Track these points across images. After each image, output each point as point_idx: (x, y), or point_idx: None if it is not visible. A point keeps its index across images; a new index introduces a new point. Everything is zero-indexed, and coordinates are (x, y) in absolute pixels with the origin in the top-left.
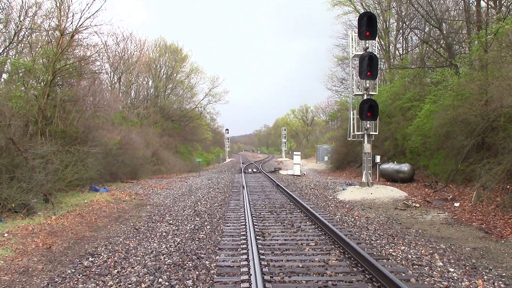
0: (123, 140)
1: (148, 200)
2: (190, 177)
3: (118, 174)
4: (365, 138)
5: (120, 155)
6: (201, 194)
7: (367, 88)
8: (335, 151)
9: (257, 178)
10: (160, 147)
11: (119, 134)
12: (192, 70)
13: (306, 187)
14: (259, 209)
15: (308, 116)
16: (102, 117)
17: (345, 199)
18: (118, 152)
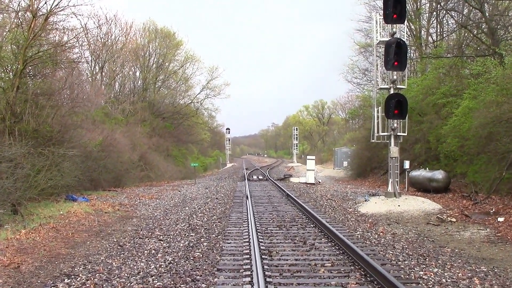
0: (106, 141)
1: (134, 211)
2: (184, 185)
3: (99, 181)
4: (392, 140)
5: (102, 158)
6: (197, 205)
7: (394, 80)
8: (356, 155)
9: (263, 187)
10: (149, 149)
11: (101, 134)
12: (187, 59)
13: (322, 198)
14: (265, 223)
15: (325, 114)
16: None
17: (367, 212)
18: (100, 155)
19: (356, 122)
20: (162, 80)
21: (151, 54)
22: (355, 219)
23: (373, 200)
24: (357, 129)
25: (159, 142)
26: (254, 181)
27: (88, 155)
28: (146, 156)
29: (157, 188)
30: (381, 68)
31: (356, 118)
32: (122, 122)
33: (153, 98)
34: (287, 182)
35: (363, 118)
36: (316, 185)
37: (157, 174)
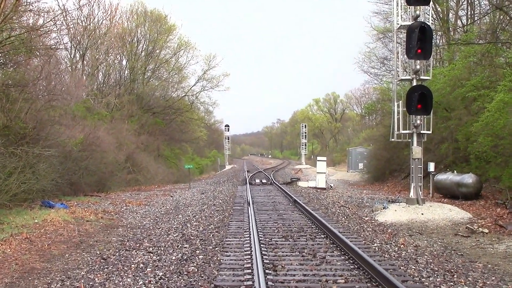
0: (88, 139)
1: (120, 220)
2: (177, 189)
3: (80, 185)
4: (414, 139)
5: (83, 159)
6: (191, 212)
7: (417, 71)
8: (374, 156)
9: (267, 192)
10: (137, 149)
11: (82, 131)
12: (181, 46)
13: (334, 205)
14: (269, 233)
15: (337, 109)
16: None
17: (386, 221)
18: (81, 155)
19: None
20: (152, 69)
21: (139, 40)
22: (372, 229)
23: (393, 207)
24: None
25: (149, 141)
26: (257, 186)
27: (67, 155)
28: (133, 157)
29: (146, 193)
30: (402, 57)
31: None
32: (107, 117)
33: (142, 90)
34: (294, 187)
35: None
36: (327, 190)
37: (146, 177)
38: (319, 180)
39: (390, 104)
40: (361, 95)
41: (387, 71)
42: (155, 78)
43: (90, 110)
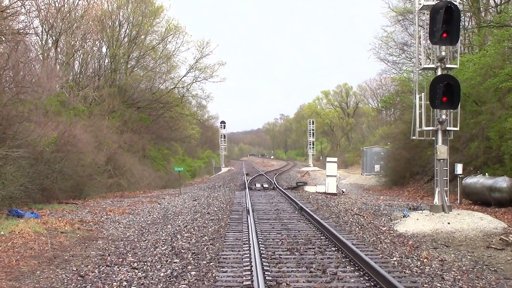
0: (62, 138)
1: (100, 231)
2: (165, 195)
3: (53, 191)
4: (439, 137)
5: (57, 161)
6: (182, 222)
7: (442, 58)
8: (392, 156)
9: (269, 198)
10: (119, 149)
11: (56, 128)
12: (170, 30)
13: (346, 213)
14: (272, 245)
15: (350, 102)
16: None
17: (407, 231)
18: (54, 156)
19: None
20: (137, 58)
21: (121, 23)
22: (390, 241)
23: (414, 215)
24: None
25: (133, 140)
26: (258, 191)
27: (38, 156)
28: (115, 158)
29: (130, 200)
30: (425, 42)
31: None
32: (84, 113)
33: (125, 82)
34: (300, 192)
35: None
36: (338, 196)
37: (130, 181)
38: (329, 184)
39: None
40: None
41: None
42: (140, 68)
43: (65, 105)
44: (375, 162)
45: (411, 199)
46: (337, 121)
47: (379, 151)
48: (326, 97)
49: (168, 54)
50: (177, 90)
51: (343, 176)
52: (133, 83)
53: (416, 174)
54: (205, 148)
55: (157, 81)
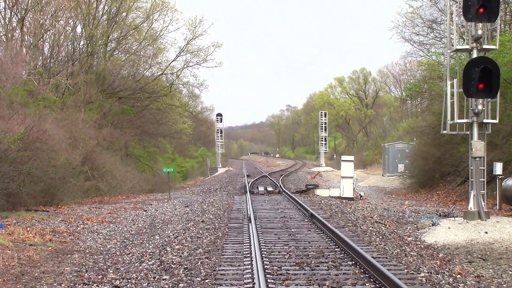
0: (30, 134)
1: (76, 243)
2: (152, 201)
3: (20, 196)
4: (475, 131)
5: (24, 161)
6: (172, 232)
7: (478, 38)
8: (419, 154)
9: (274, 204)
10: (97, 146)
11: (23, 123)
12: (156, 6)
13: (365, 221)
14: (278, 259)
15: (368, 90)
16: None
17: (436, 242)
18: (21, 156)
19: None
20: (117, 39)
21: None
22: (417, 254)
23: (445, 223)
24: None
25: (114, 136)
26: (261, 195)
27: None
28: (93, 157)
29: (111, 207)
30: (457, 19)
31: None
32: (56, 104)
33: (104, 67)
34: (311, 197)
35: (428, 97)
36: (356, 201)
37: (110, 184)
38: (344, 187)
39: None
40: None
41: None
42: (121, 51)
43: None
44: (398, 161)
45: (441, 204)
46: (353, 113)
47: (403, 148)
48: (340, 85)
49: (154, 34)
50: (165, 77)
51: (361, 177)
52: (113, 69)
53: (447, 174)
54: (198, 145)
55: (142, 66)
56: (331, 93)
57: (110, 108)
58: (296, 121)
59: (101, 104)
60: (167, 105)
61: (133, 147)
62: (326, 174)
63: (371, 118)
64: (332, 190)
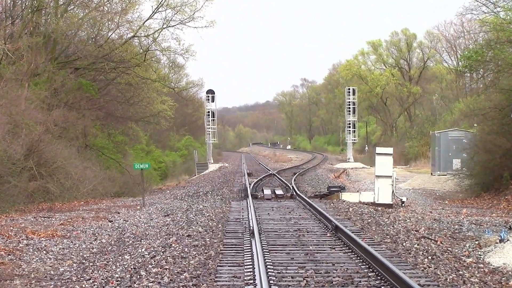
0: None
1: (17, 264)
2: (120, 207)
3: None
4: None
5: None
6: (148, 250)
7: None
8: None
9: (285, 212)
10: (46, 134)
11: None
12: None
13: (408, 235)
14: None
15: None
16: None
17: (505, 265)
18: None
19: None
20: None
21: None
22: (479, 281)
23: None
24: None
25: (69, 120)
26: (267, 201)
27: None
28: (40, 149)
29: (65, 216)
30: None
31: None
32: None
33: (55, 27)
34: (335, 203)
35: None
36: (395, 208)
37: (63, 186)
38: (380, 190)
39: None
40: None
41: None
42: (78, 5)
43: None
44: (453, 155)
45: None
46: (392, 90)
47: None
48: (375, 51)
49: None
50: (138, 41)
51: (403, 176)
52: (67, 29)
53: None
54: (182, 133)
55: (106, 26)
56: (362, 62)
57: (64, 82)
58: (315, 100)
59: (51, 78)
60: (140, 79)
61: (94, 135)
62: (355, 172)
63: (416, 96)
64: (363, 194)
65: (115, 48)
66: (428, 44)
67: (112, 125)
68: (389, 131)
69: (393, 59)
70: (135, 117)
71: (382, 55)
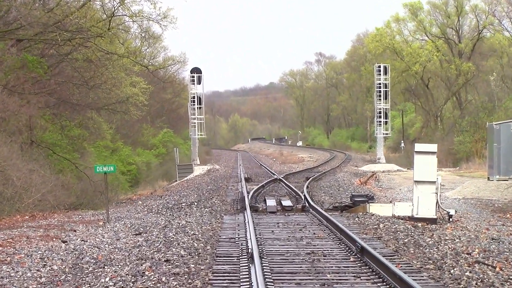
0: None
1: None
2: (77, 223)
3: None
4: None
5: None
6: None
7: None
8: None
9: (295, 230)
10: None
11: None
12: None
13: (457, 260)
14: None
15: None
16: None
17: None
18: None
19: None
20: None
21: None
22: None
23: None
24: None
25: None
26: (270, 215)
27: None
28: None
29: (4, 234)
30: None
31: None
32: None
33: None
34: (360, 217)
35: None
36: (441, 224)
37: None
38: (420, 199)
39: None
40: None
41: None
42: None
43: None
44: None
45: None
46: (437, 67)
47: None
48: (413, 17)
49: None
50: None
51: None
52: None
53: None
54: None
55: None
56: (396, 32)
57: (2, 58)
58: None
59: None
60: (103, 54)
61: (42, 128)
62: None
63: (468, 76)
64: (398, 206)
65: (70, 13)
66: (484, 8)
67: (66, 114)
68: (433, 123)
69: (438, 28)
70: (96, 104)
71: (423, 22)
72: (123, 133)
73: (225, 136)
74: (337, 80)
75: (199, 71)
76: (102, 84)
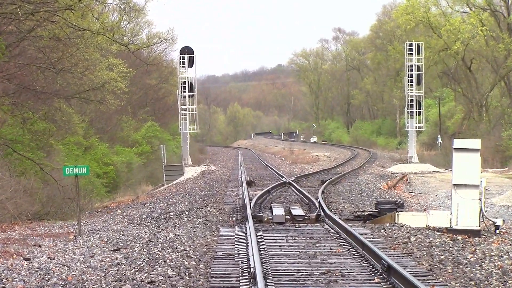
0: None
1: None
2: (43, 237)
3: None
4: None
5: None
6: None
7: None
8: None
9: (306, 244)
10: None
11: None
12: None
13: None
14: None
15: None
16: None
17: None
18: None
19: None
20: None
21: None
22: None
23: None
24: None
25: None
26: (278, 226)
27: None
28: None
29: None
30: None
31: None
32: None
33: None
34: (387, 229)
35: None
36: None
37: None
38: (460, 207)
39: None
40: None
41: None
42: None
43: None
44: None
45: None
46: (482, 46)
47: None
48: None
49: None
50: None
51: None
52: None
53: None
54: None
55: None
56: (433, 2)
57: None
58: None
59: None
60: (74, 31)
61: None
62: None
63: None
64: (433, 215)
65: None
66: None
67: (28, 104)
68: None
69: None
70: (65, 91)
71: None
72: (98, 127)
73: (223, 131)
74: (359, 61)
75: (190, 51)
76: (72, 67)
